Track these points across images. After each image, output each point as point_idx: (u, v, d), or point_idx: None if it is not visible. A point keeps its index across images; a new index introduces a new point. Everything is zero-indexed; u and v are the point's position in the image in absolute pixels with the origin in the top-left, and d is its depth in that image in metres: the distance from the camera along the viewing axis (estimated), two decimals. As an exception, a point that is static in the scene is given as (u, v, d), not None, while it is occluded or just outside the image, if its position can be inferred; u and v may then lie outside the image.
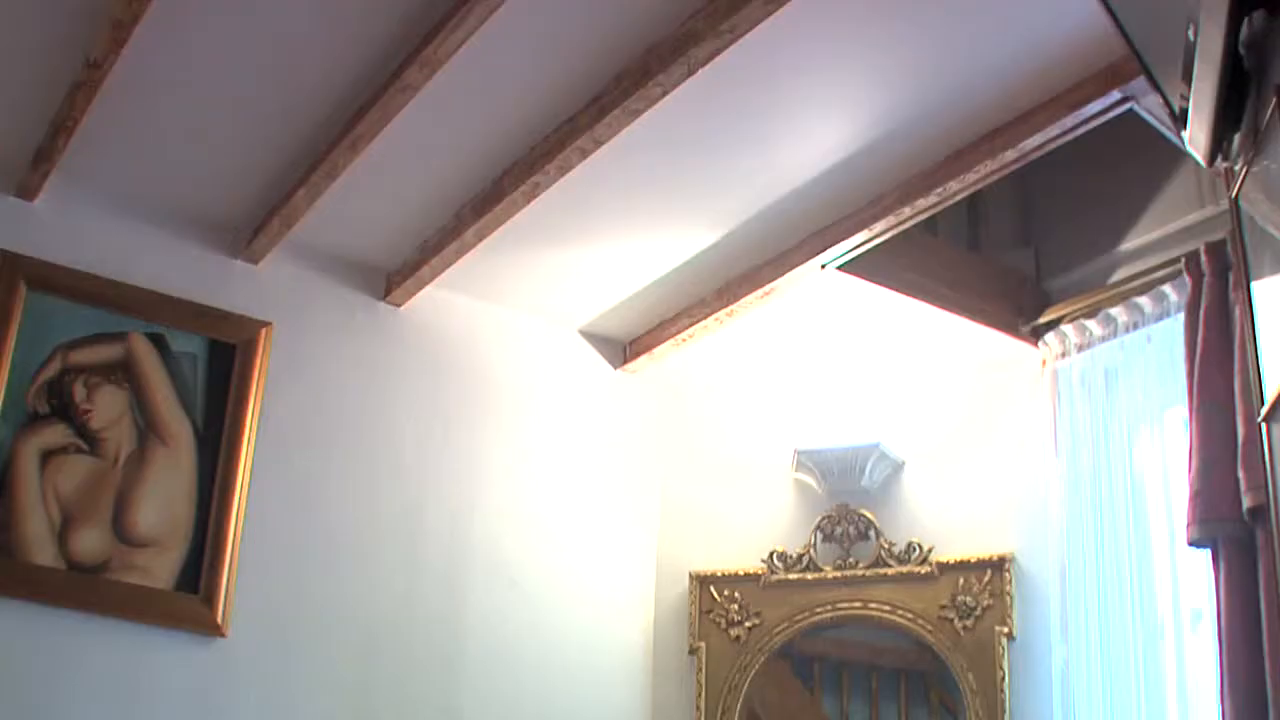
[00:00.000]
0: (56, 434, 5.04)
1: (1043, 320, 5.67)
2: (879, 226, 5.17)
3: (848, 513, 6.01)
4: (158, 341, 5.29)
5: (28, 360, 5.03)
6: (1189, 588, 5.03)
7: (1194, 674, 4.95)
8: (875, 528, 5.95)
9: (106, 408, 5.14)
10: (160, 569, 5.12)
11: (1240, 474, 4.52)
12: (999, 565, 5.70)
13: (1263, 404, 3.70)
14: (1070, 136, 4.62)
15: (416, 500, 5.71)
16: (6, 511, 4.89)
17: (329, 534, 5.49)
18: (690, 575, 6.15)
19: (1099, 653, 5.21)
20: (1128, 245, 5.56)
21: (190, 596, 5.13)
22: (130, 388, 5.20)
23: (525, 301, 6.06)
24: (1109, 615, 5.22)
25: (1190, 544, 4.75)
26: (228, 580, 5.18)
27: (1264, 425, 3.71)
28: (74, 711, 4.86)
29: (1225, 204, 4.64)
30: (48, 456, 5.00)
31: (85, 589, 4.97)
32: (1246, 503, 4.47)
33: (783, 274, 5.52)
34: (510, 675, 5.74)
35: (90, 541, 5.02)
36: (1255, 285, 3.98)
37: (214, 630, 5.14)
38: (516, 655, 5.78)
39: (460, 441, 5.87)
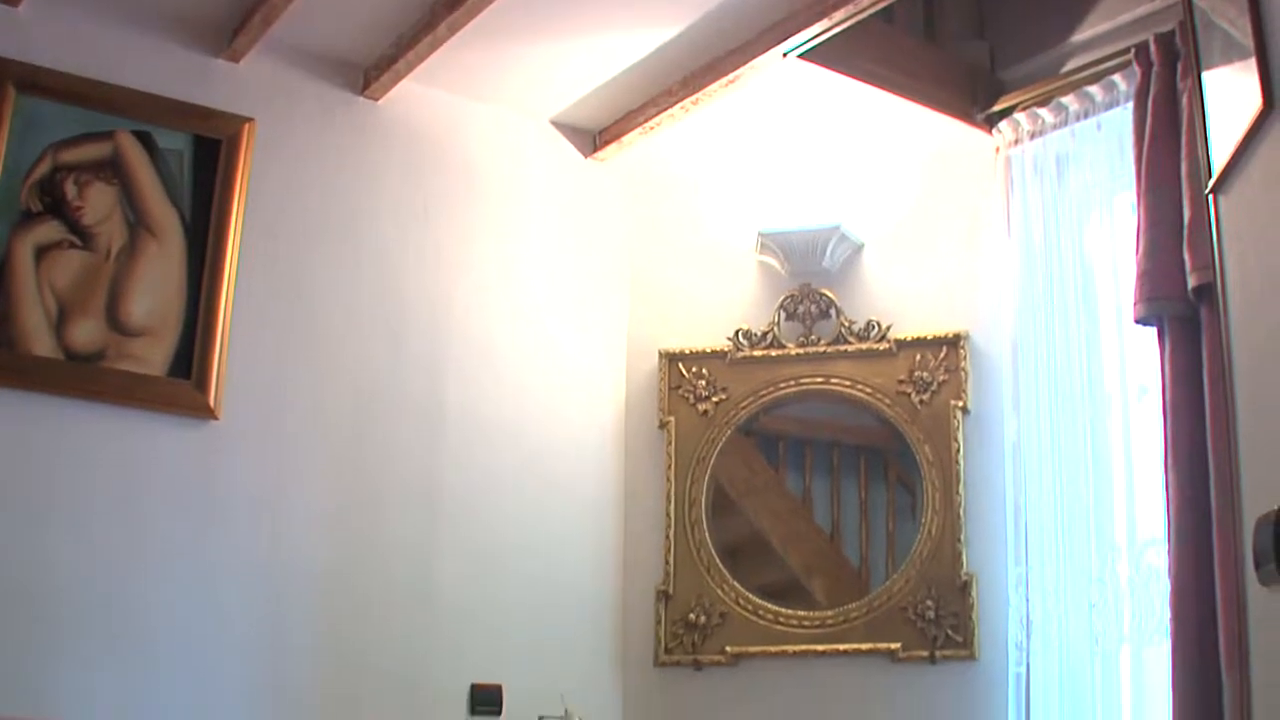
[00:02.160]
0: (50, 230, 4.98)
1: (997, 108, 5.63)
2: (839, 15, 5.09)
3: (809, 292, 6.00)
4: (144, 139, 5.21)
5: (19, 160, 4.95)
6: (1136, 363, 5.07)
7: (1140, 445, 5.00)
8: (836, 306, 5.95)
9: (97, 204, 5.08)
10: (154, 356, 5.10)
11: (1186, 255, 4.53)
12: (954, 342, 5.72)
13: (1210, 177, 3.71)
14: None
15: (397, 286, 5.69)
16: (5, 305, 4.86)
17: (315, 320, 5.48)
18: (659, 353, 6.14)
19: (1049, 425, 5.25)
20: (1079, 36, 5.49)
21: (183, 382, 5.12)
22: (119, 184, 5.13)
23: (498, 93, 5.97)
24: (1059, 389, 5.26)
25: (1137, 321, 4.80)
26: (218, 366, 5.17)
27: (1212, 196, 3.72)
28: (74, 495, 4.87)
29: (1176, -5, 4.60)
30: (42, 252, 4.95)
31: (82, 377, 4.96)
32: (1191, 282, 4.50)
33: (746, 63, 5.45)
34: (490, 452, 5.77)
35: (86, 332, 4.99)
36: (1205, 74, 3.96)
37: (207, 413, 5.14)
38: (495, 433, 5.80)
39: (438, 230, 5.83)
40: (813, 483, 5.91)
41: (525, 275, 6.02)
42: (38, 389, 4.86)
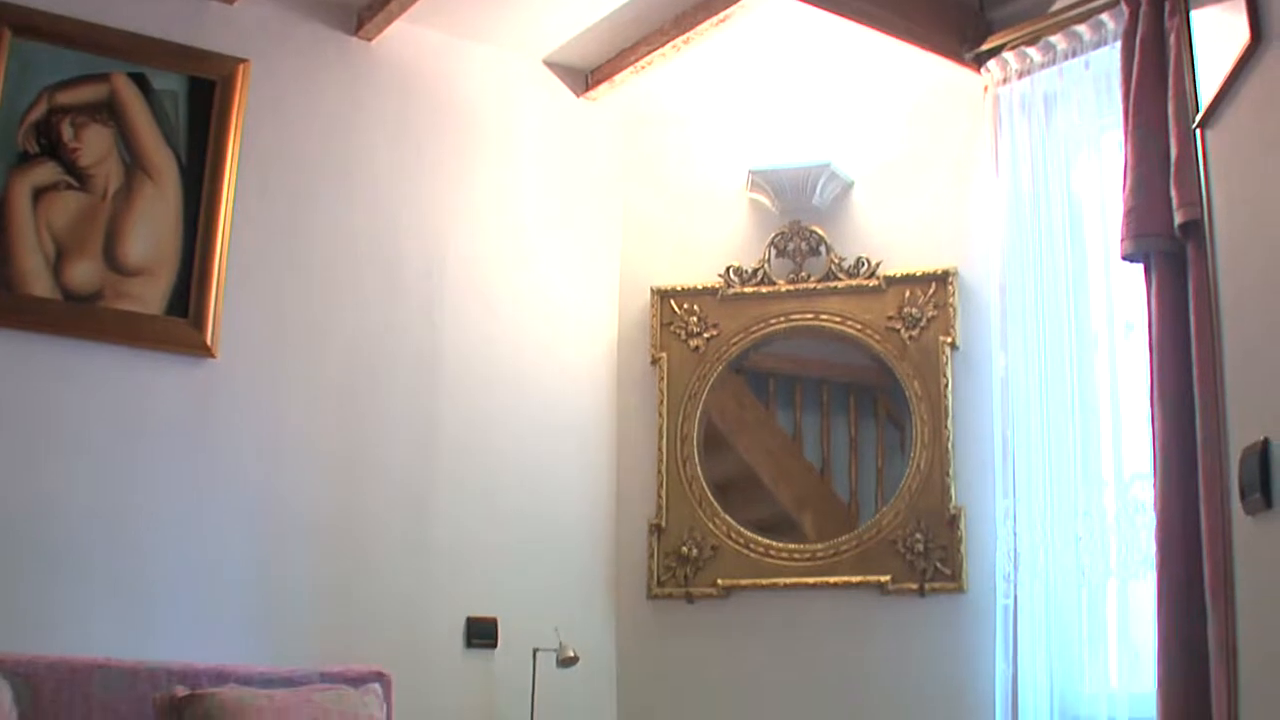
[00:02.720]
0: (47, 172, 4.96)
1: (985, 47, 5.58)
2: (829, -47, 5.07)
3: (800, 229, 5.98)
4: (140, 81, 5.17)
5: (15, 103, 4.92)
6: (1122, 300, 5.05)
7: (1126, 380, 5.00)
8: (826, 243, 5.94)
9: (93, 145, 5.05)
10: (151, 295, 5.09)
11: (1173, 192, 4.51)
12: (943, 278, 5.71)
13: (1198, 112, 3.70)
14: None
15: (392, 225, 5.68)
16: (3, 246, 4.84)
17: (310, 259, 5.48)
18: (651, 290, 6.14)
19: (1037, 360, 5.25)
20: (1068, -25, 5.47)
21: (180, 321, 5.12)
22: (115, 126, 5.11)
23: (491, 33, 5.94)
24: (1047, 325, 5.25)
25: (1124, 258, 4.77)
26: (215, 304, 5.17)
27: (1199, 131, 3.71)
28: (74, 434, 4.88)
29: (1164, -64, 4.57)
30: (40, 193, 4.93)
31: (81, 317, 4.95)
32: (1178, 218, 4.47)
33: (736, 1, 5.44)
34: (485, 387, 5.78)
35: (84, 272, 4.97)
36: (1193, 12, 3.95)
37: (204, 351, 5.14)
38: (490, 368, 5.81)
39: (432, 168, 5.82)
40: (803, 419, 5.92)
41: (518, 214, 6.01)
42: (36, 329, 4.86)
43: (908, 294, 5.77)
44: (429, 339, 5.68)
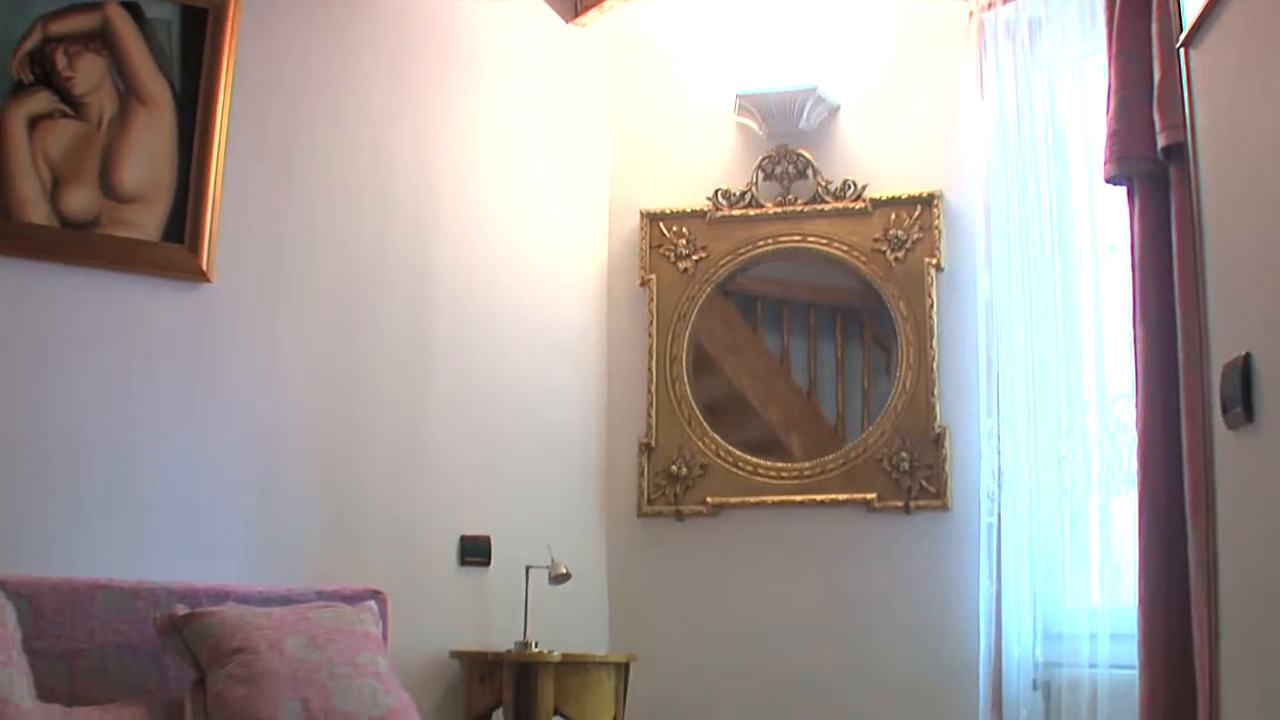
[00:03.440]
0: (42, 101, 4.91)
1: (971, -29, 5.58)
2: (817, -121, 5.03)
3: (787, 152, 5.98)
4: (133, 10, 5.12)
5: (9, 32, 4.88)
6: (1105, 222, 5.05)
7: (1109, 302, 5.00)
8: (813, 166, 5.93)
9: (88, 74, 5.01)
10: (147, 222, 5.06)
11: (1156, 115, 4.48)
12: (928, 201, 5.71)
13: (1182, 31, 3.67)
14: None
15: (385, 149, 5.65)
16: (0, 175, 4.81)
17: (305, 184, 5.45)
18: (641, 213, 6.14)
19: (1021, 282, 5.27)
20: (1053, -101, 5.43)
21: (176, 246, 5.09)
22: (109, 55, 5.06)
23: (480, -40, 5.91)
24: (1031, 247, 5.26)
25: (1107, 181, 4.75)
26: (211, 229, 5.14)
27: (1183, 50, 3.68)
28: (74, 359, 4.86)
29: None
30: (35, 122, 4.89)
31: (78, 244, 4.93)
32: (1161, 141, 4.45)
33: (724, -75, 5.40)
34: (477, 310, 5.78)
35: (80, 199, 4.94)
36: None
37: (200, 277, 5.11)
38: (483, 291, 5.81)
39: (423, 94, 5.79)
40: (790, 342, 5.93)
41: (509, 139, 5.99)
42: (34, 256, 4.83)
43: (894, 216, 5.76)
44: (422, 263, 5.67)
